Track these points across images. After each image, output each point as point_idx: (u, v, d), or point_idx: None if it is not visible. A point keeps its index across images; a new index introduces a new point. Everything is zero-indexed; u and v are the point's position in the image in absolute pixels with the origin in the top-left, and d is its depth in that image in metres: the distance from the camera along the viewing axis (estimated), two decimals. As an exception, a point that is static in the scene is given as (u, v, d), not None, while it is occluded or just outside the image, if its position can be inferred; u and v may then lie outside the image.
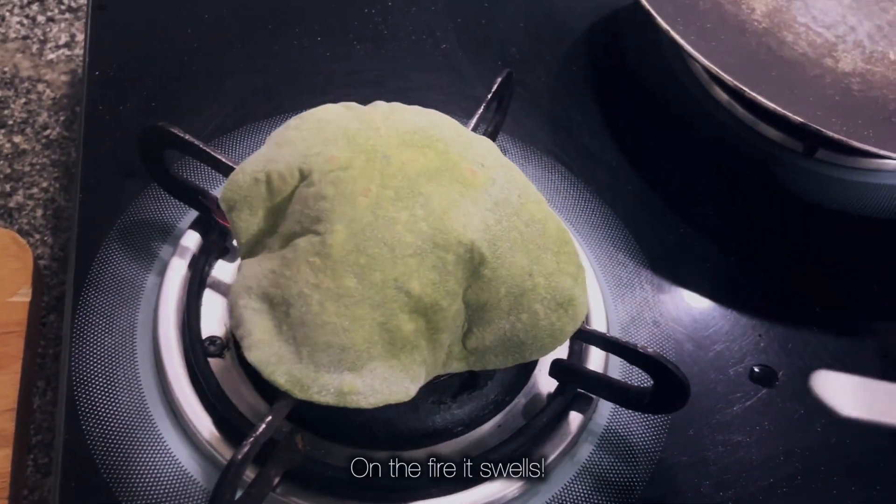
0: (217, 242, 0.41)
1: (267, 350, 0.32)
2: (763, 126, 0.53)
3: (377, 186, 0.33)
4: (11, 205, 0.53)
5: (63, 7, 0.64)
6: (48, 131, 0.57)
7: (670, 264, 0.46)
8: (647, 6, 0.43)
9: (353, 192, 0.32)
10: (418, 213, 0.32)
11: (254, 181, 0.34)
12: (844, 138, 0.40)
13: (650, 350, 0.34)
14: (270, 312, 0.32)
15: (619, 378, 0.40)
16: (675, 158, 0.52)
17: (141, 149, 0.38)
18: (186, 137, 0.37)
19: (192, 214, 0.42)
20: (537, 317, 0.33)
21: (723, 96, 0.54)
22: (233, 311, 0.33)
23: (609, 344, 0.36)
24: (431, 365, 0.33)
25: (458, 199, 0.33)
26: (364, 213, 0.32)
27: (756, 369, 0.43)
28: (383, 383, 0.32)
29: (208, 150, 0.37)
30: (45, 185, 0.54)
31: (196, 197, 0.40)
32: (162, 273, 0.40)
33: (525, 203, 0.34)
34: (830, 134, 0.40)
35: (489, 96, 0.42)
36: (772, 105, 0.41)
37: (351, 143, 0.34)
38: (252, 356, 0.32)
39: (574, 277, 0.34)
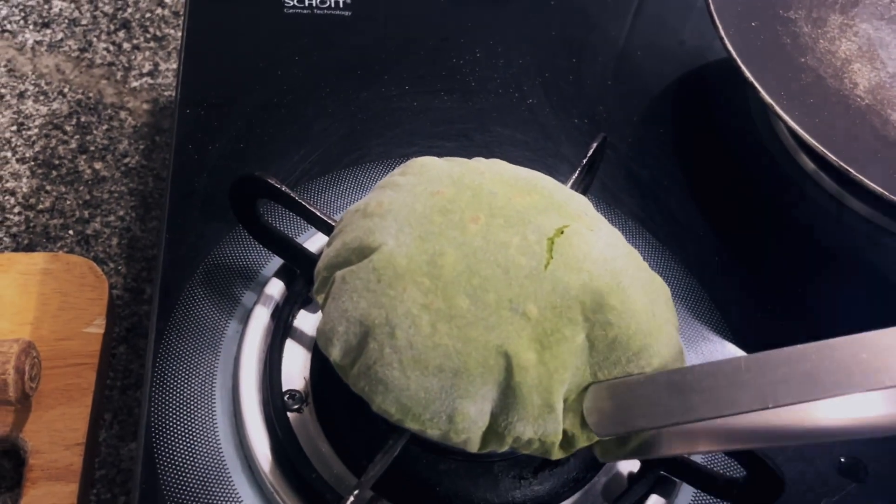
0: (301, 293, 0.40)
1: (373, 378, 0.31)
2: (851, 199, 0.51)
3: (486, 216, 0.32)
4: (89, 232, 0.53)
5: (149, 35, 0.65)
6: (127, 159, 0.57)
7: (757, 342, 0.44)
8: (752, 80, 0.42)
9: (462, 219, 0.32)
10: (530, 237, 0.31)
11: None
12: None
13: (748, 442, 0.33)
14: (372, 337, 0.31)
15: (702, 462, 0.39)
16: (762, 229, 0.50)
17: (233, 195, 0.38)
18: (282, 188, 0.37)
19: (277, 261, 0.42)
20: (665, 366, 0.31)
21: (809, 165, 0.53)
22: (329, 342, 0.32)
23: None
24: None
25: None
26: (474, 238, 0.31)
27: (843, 460, 0.41)
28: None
29: (302, 202, 0.37)
30: (121, 213, 0.55)
31: (284, 246, 0.40)
32: (244, 321, 0.40)
33: (632, 251, 0.33)
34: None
35: (584, 161, 0.41)
36: (878, 189, 0.39)
37: (457, 183, 0.34)
38: (358, 386, 0.31)
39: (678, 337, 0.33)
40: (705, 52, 0.58)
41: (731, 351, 0.44)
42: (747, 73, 0.43)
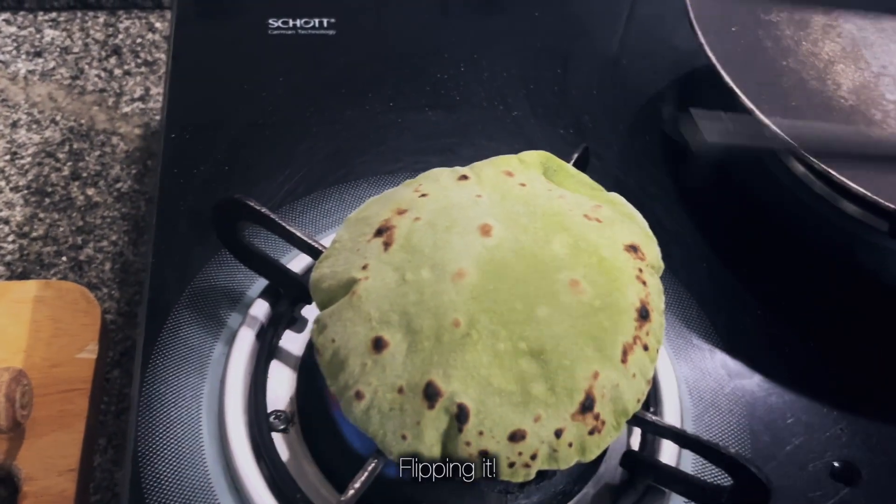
0: (285, 313, 0.40)
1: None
2: (842, 202, 0.51)
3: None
4: (82, 258, 0.54)
5: (139, 61, 0.65)
6: (120, 184, 0.58)
7: (746, 348, 0.44)
8: (732, 85, 0.42)
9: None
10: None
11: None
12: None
13: (732, 450, 0.33)
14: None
15: (692, 471, 0.38)
16: (751, 235, 0.50)
17: (216, 219, 0.39)
18: (263, 210, 0.37)
19: (262, 282, 0.42)
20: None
21: (799, 168, 0.53)
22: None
23: (688, 441, 0.34)
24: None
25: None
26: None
27: (836, 465, 0.41)
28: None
29: (283, 223, 0.37)
30: (114, 238, 0.55)
31: (267, 267, 0.40)
32: (230, 342, 0.40)
33: None
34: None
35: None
36: (862, 190, 0.39)
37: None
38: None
39: None
40: (692, 60, 0.58)
41: (720, 358, 0.44)
42: (727, 79, 0.43)
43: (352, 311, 0.32)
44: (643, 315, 0.33)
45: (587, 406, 0.31)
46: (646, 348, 0.33)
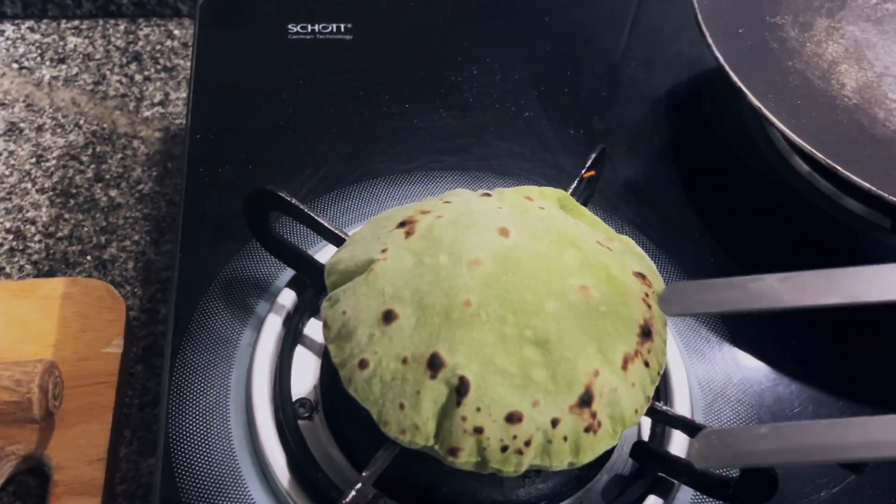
0: (311, 302, 0.42)
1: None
2: (846, 199, 0.52)
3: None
4: (106, 256, 0.55)
5: (159, 67, 0.67)
6: (141, 186, 0.59)
7: (754, 340, 0.45)
8: (740, 84, 0.44)
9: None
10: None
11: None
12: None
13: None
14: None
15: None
16: (757, 230, 0.51)
17: (247, 209, 0.40)
18: (293, 202, 0.39)
19: (288, 273, 0.43)
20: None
21: (803, 167, 0.54)
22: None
23: (697, 431, 0.35)
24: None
25: None
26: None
27: (844, 452, 0.42)
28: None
29: (312, 214, 0.39)
30: (136, 237, 0.57)
31: (295, 257, 0.41)
32: (257, 330, 0.41)
33: None
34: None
35: (583, 172, 0.43)
36: (866, 185, 0.40)
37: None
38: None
39: None
40: (699, 62, 0.60)
41: (728, 350, 0.45)
42: (735, 79, 0.45)
43: (366, 287, 0.34)
44: (645, 333, 0.34)
45: (585, 400, 0.32)
46: (647, 364, 0.34)
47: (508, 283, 0.33)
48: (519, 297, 0.33)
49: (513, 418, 0.31)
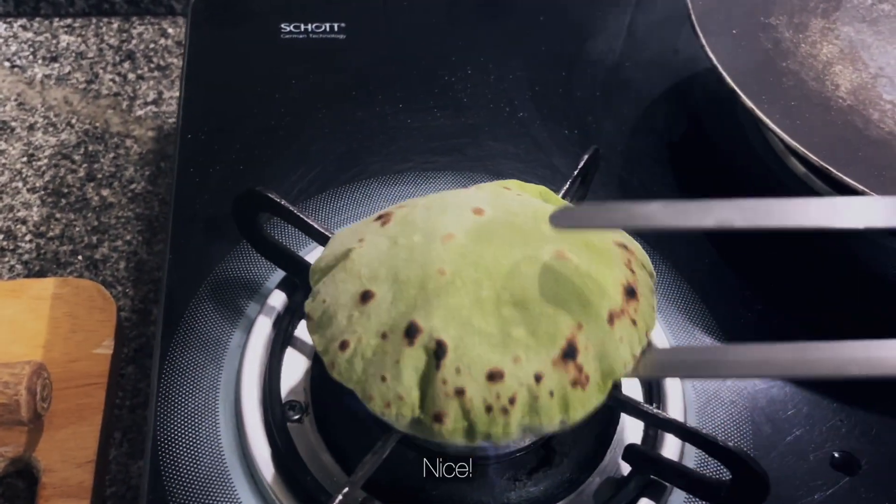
0: (301, 303, 0.41)
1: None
2: (842, 201, 0.52)
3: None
4: (97, 256, 0.55)
5: (152, 65, 0.67)
6: (133, 185, 0.59)
7: (748, 342, 0.45)
8: (733, 85, 0.43)
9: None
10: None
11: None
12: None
13: (730, 444, 0.33)
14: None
15: (694, 466, 0.39)
16: (752, 232, 0.51)
17: (236, 211, 0.40)
18: (282, 203, 0.39)
19: (279, 275, 0.43)
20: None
21: (799, 168, 0.54)
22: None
23: (688, 434, 0.35)
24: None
25: None
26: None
27: (836, 455, 0.41)
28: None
29: (301, 215, 0.39)
30: (128, 237, 0.56)
31: (285, 258, 0.41)
32: (247, 331, 0.41)
33: None
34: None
35: (575, 173, 0.42)
36: (861, 187, 0.40)
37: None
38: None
39: None
40: (695, 63, 0.59)
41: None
42: (729, 80, 0.45)
43: (344, 273, 0.34)
44: (630, 293, 0.33)
45: (568, 353, 0.31)
46: (634, 323, 0.33)
47: (483, 251, 0.32)
48: (494, 262, 0.32)
49: (494, 376, 0.30)
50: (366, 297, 0.32)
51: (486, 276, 0.32)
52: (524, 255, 0.32)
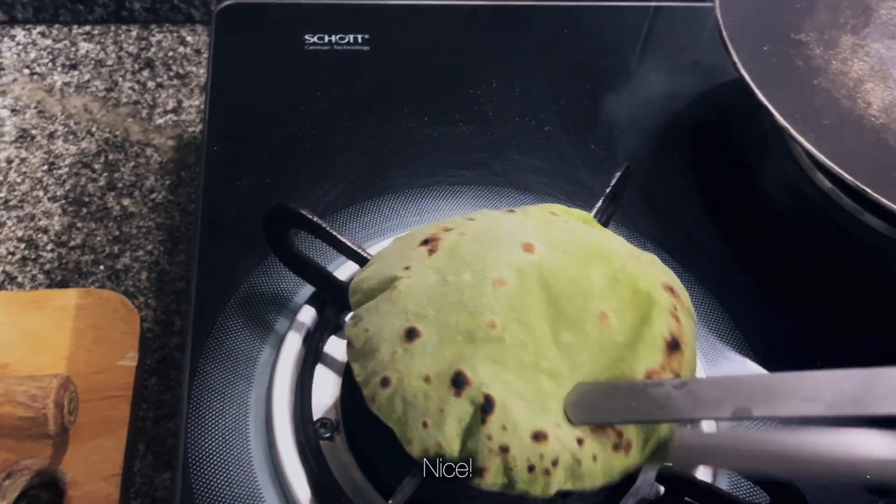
0: (331, 319, 0.41)
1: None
2: (867, 216, 0.52)
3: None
4: (119, 266, 0.55)
5: (172, 73, 0.66)
6: (154, 195, 0.59)
7: (778, 360, 0.45)
8: (767, 104, 0.43)
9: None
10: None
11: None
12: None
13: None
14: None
15: (728, 488, 0.39)
16: (780, 248, 0.51)
17: (266, 226, 0.40)
18: (315, 220, 0.38)
19: (308, 289, 0.43)
20: None
21: (825, 183, 0.53)
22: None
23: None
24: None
25: None
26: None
27: (870, 477, 0.41)
28: None
29: (334, 232, 0.38)
30: (150, 247, 0.56)
31: (315, 274, 0.41)
32: (277, 347, 0.41)
33: None
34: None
35: (608, 190, 0.42)
36: (890, 205, 0.40)
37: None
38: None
39: None
40: (717, 73, 0.59)
41: (753, 369, 0.44)
42: (762, 98, 0.44)
43: (389, 304, 0.33)
44: (673, 346, 0.33)
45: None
46: (678, 377, 0.33)
47: (530, 308, 0.33)
48: (539, 324, 0.32)
49: (539, 437, 0.31)
50: (411, 334, 0.32)
51: (531, 338, 0.32)
52: (566, 317, 0.33)
